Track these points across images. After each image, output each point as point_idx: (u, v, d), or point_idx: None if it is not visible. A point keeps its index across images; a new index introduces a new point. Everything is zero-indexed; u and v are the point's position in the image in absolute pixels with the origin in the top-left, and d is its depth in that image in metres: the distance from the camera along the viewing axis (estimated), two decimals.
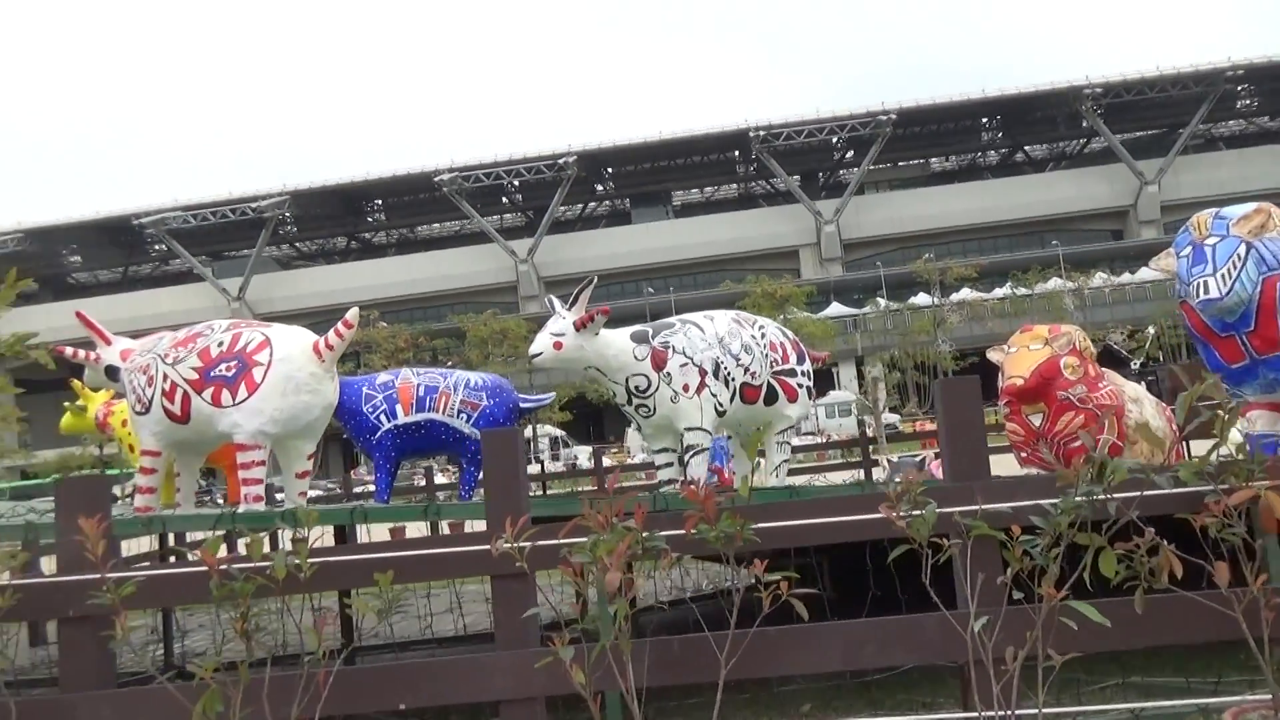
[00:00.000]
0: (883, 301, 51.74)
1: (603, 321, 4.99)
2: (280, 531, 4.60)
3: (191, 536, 7.71)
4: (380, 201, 68.78)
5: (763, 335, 5.53)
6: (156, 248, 65.51)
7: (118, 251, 67.48)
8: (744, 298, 41.01)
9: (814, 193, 63.73)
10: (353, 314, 5.02)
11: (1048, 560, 2.56)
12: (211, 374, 4.82)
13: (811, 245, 61.46)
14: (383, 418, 6.60)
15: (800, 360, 5.66)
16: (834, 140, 62.57)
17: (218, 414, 4.79)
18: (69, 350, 5.57)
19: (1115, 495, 2.61)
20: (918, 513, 2.66)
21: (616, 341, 5.10)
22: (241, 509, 4.84)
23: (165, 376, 4.92)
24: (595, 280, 5.14)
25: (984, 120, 65.42)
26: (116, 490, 7.40)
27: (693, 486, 5.02)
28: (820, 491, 5.46)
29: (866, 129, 58.44)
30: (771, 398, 5.44)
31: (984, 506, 2.77)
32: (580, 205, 71.33)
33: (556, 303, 5.23)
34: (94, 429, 7.41)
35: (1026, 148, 68.65)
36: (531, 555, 2.67)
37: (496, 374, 7.46)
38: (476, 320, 47.03)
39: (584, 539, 2.62)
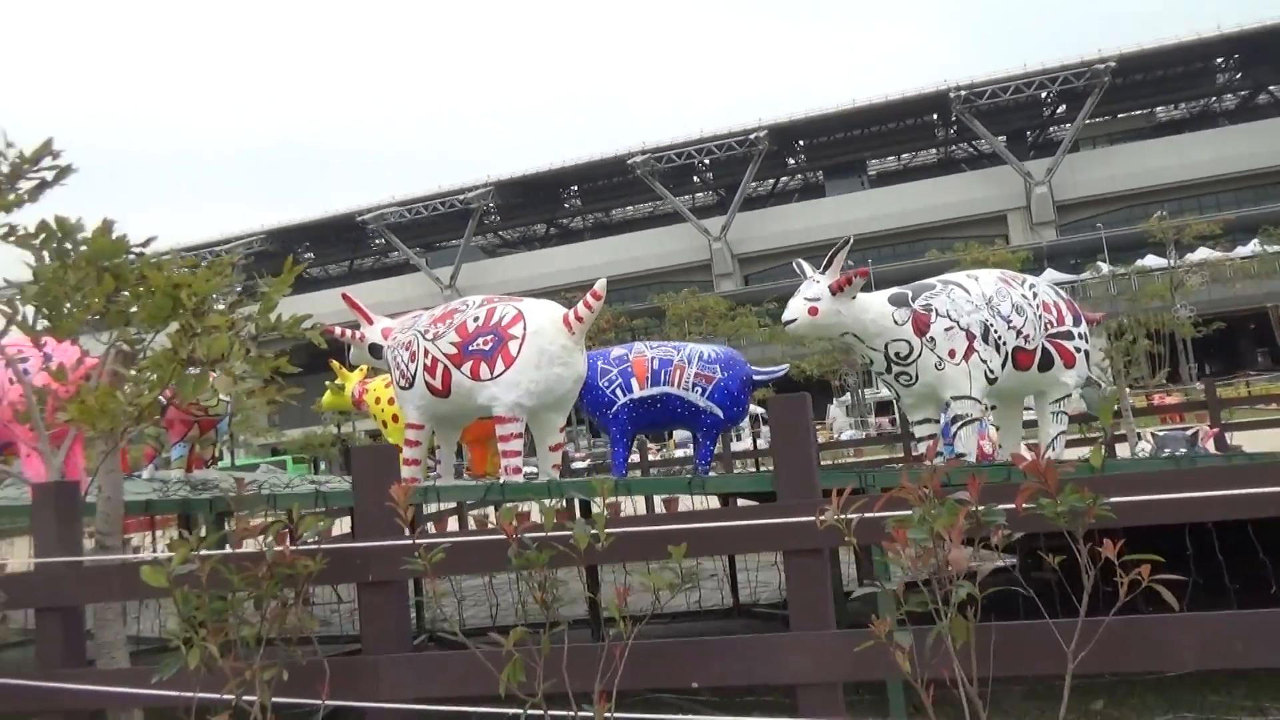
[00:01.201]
0: (1105, 266, 47.66)
1: (861, 284, 4.68)
2: (515, 506, 4.64)
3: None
4: (576, 187, 70.61)
5: (1034, 295, 5.04)
6: (376, 242, 70.35)
7: (344, 247, 73.01)
8: (954, 266, 38.94)
9: (1021, 153, 59.70)
10: (600, 285, 4.97)
11: None
12: (469, 348, 4.91)
13: (1020, 209, 57.66)
14: (618, 392, 6.59)
15: (1076, 321, 5.12)
16: (1043, 95, 58.25)
17: (477, 387, 4.87)
18: (337, 329, 5.87)
19: None
20: None
21: (874, 305, 4.78)
22: (504, 478, 4.91)
23: (426, 352, 5.05)
24: (851, 240, 4.83)
25: (1219, 61, 58.93)
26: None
27: (962, 459, 4.65)
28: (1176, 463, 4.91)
29: (1081, 80, 54.04)
30: (1047, 363, 4.95)
31: None
32: (772, 180, 70.33)
33: (806, 266, 4.96)
34: (351, 406, 7.85)
35: (1271, 88, 61.21)
36: (858, 529, 2.45)
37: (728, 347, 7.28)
38: (675, 299, 47.36)
39: (908, 512, 2.36)
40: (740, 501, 6.92)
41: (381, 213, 63.84)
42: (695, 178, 68.36)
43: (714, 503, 6.27)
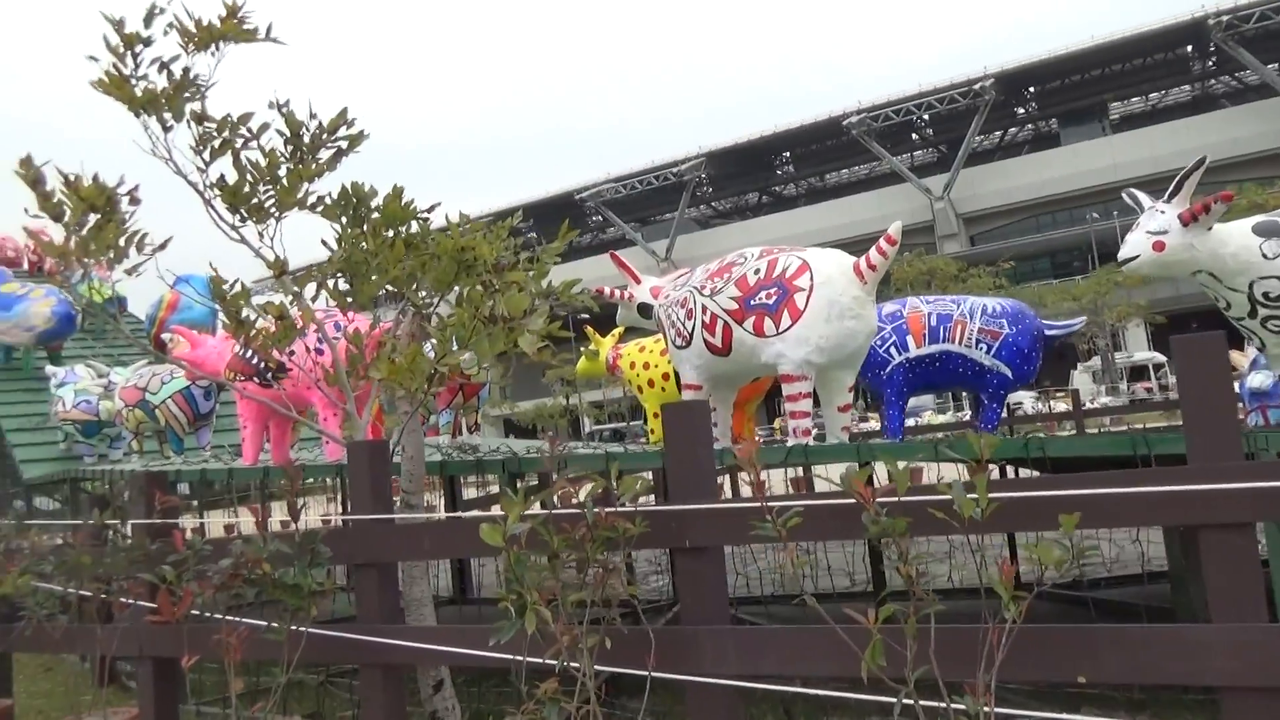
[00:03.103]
0: None
1: (1221, 210, 3.95)
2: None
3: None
4: (789, 153, 69.23)
5: None
6: (594, 219, 72.28)
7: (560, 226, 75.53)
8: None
9: None
10: (895, 229, 4.52)
11: None
12: (752, 302, 4.62)
13: None
14: (893, 351, 6.11)
15: None
16: None
17: (760, 344, 4.57)
18: (606, 290, 5.77)
19: None
20: None
21: (1236, 237, 4.04)
22: (790, 442, 4.60)
23: (704, 308, 4.81)
24: (1206, 161, 4.10)
25: None
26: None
27: None
28: None
29: None
30: None
31: None
32: (999, 133, 65.81)
33: (1143, 197, 4.28)
34: (605, 372, 7.81)
35: None
36: None
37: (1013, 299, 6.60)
38: (900, 262, 45.41)
39: None
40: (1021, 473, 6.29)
41: (598, 189, 65.42)
42: (914, 135, 65.18)
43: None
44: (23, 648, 4.85)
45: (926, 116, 60.10)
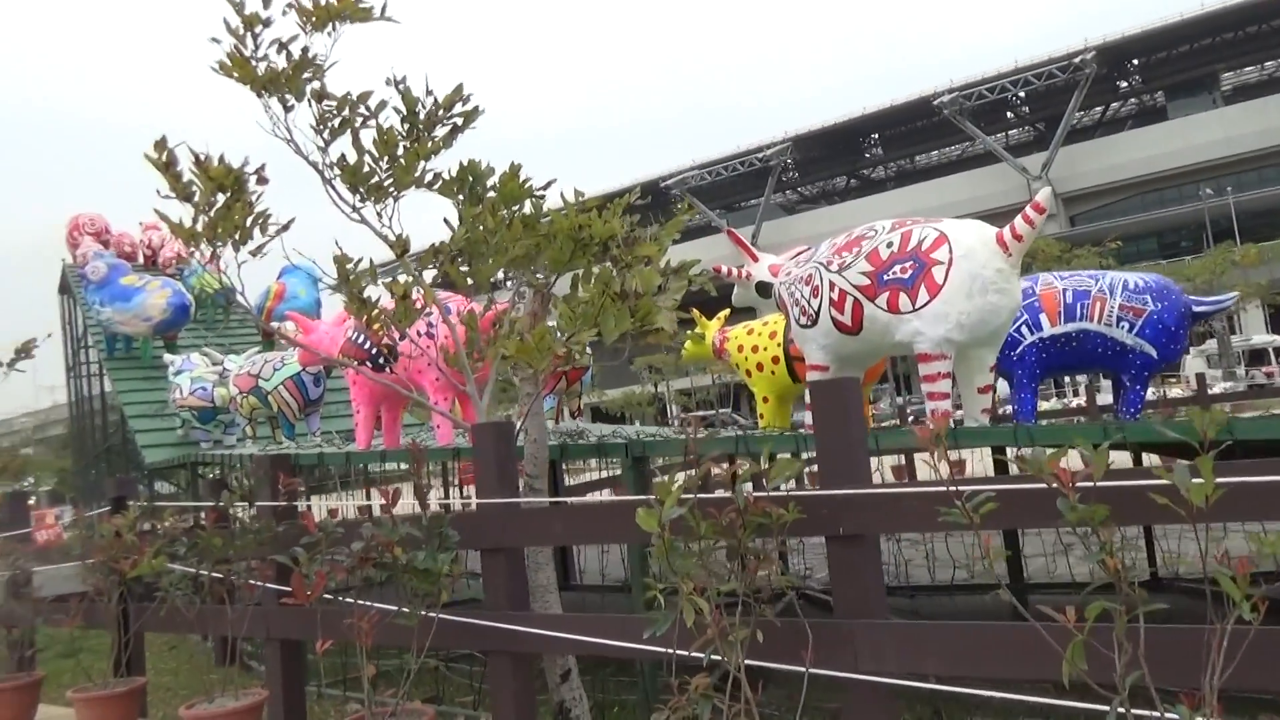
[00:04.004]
0: None
1: None
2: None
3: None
4: (877, 135, 67.68)
5: None
6: (678, 206, 71.89)
7: (649, 214, 75.46)
8: None
9: None
10: (1043, 195, 4.21)
11: None
12: (885, 278, 4.36)
13: None
14: (1024, 330, 5.76)
15: None
16: None
17: (895, 322, 4.32)
18: (723, 268, 5.58)
19: None
20: None
21: None
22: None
23: (832, 285, 4.58)
24: None
25: None
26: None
27: None
28: None
29: None
30: None
31: None
32: (1100, 108, 63.06)
33: None
34: (711, 355, 7.62)
35: None
36: None
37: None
38: None
39: None
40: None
41: (683, 177, 65.07)
42: (1009, 113, 62.92)
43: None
44: (156, 628, 4.93)
45: (1022, 94, 57.95)
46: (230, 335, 13.54)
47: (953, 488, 2.16)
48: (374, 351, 6.36)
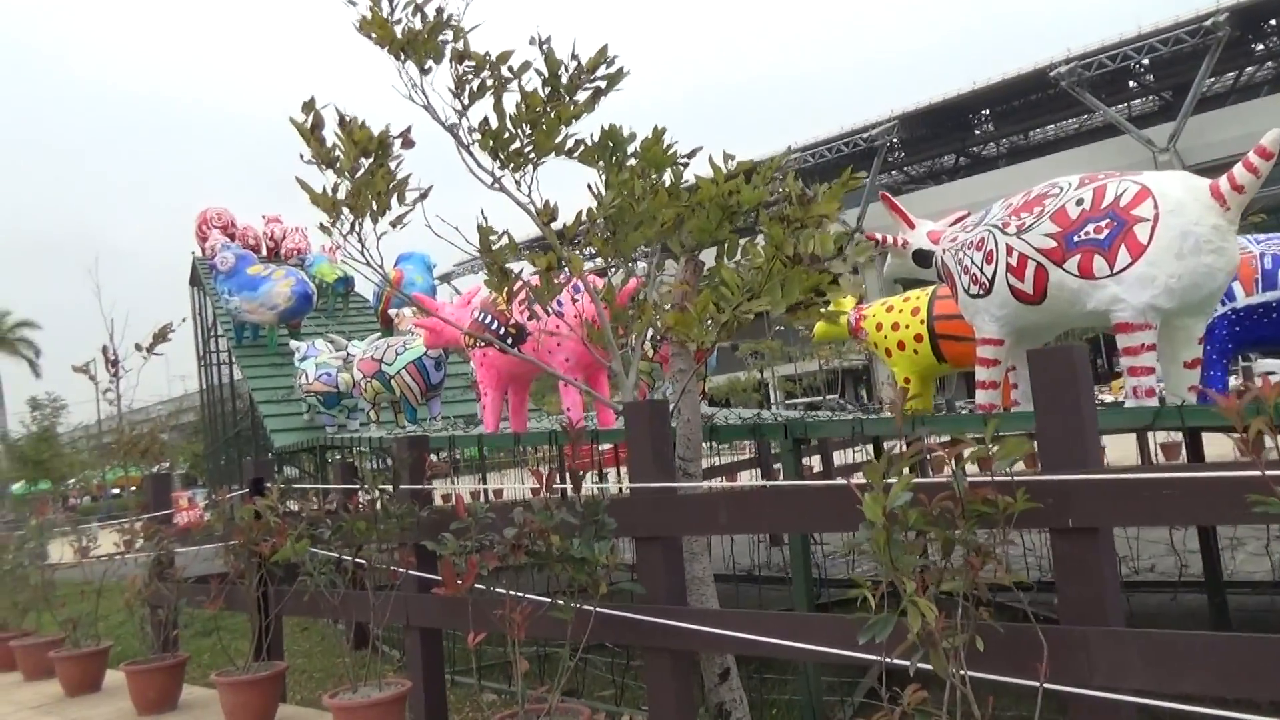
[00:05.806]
0: None
1: None
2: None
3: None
4: (988, 111, 65.03)
5: None
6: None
7: None
8: None
9: None
10: (1270, 138, 3.66)
11: None
12: (1075, 239, 3.89)
13: None
14: None
15: None
16: None
17: (1089, 288, 3.84)
18: (878, 236, 5.17)
19: None
20: None
21: None
22: (1130, 404, 3.86)
23: (1009, 249, 4.13)
24: None
25: None
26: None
27: None
28: None
29: None
30: None
31: None
32: (1232, 74, 59.07)
33: None
34: (847, 334, 7.21)
35: None
36: None
37: None
38: None
39: None
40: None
41: (776, 157, 63.96)
42: (1131, 83, 59.54)
43: None
44: (296, 611, 4.86)
45: (1147, 61, 54.66)
46: (349, 323, 13.73)
47: (1266, 472, 1.75)
48: (502, 332, 6.18)
